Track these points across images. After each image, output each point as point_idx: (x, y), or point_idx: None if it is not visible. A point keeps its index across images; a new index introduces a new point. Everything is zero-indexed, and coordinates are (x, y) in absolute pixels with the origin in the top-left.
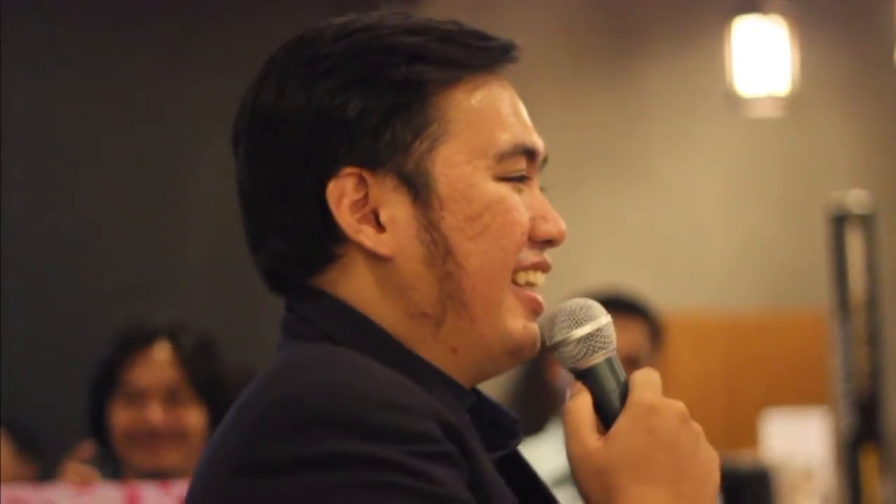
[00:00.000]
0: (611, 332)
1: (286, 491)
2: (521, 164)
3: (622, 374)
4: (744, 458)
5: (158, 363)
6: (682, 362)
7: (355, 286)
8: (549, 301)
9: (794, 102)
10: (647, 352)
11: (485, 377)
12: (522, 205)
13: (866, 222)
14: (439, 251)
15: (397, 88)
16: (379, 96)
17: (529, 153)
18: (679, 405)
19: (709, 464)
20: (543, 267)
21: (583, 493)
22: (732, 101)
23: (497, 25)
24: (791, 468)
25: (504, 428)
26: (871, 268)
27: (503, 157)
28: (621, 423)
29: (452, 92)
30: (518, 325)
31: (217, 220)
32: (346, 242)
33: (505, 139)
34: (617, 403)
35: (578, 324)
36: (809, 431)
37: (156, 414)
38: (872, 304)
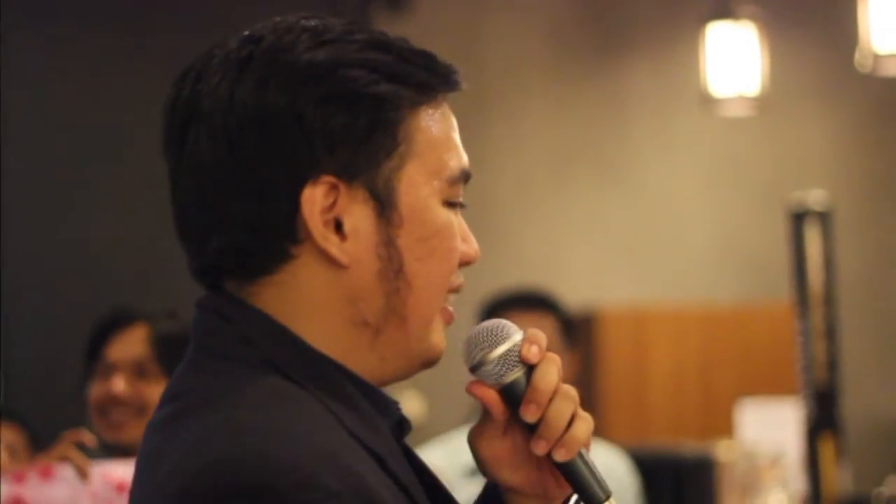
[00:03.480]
0: None
1: None
2: (461, 190)
3: None
4: (689, 447)
5: (131, 341)
6: (661, 354)
7: (302, 288)
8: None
9: (764, 103)
10: (558, 347)
11: (395, 381)
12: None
13: (824, 220)
14: (393, 267)
15: (378, 106)
16: (361, 112)
17: (466, 178)
18: (572, 389)
19: None
20: (461, 288)
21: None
22: (706, 100)
23: (485, 28)
24: (759, 456)
25: (405, 423)
26: (829, 264)
27: (453, 181)
28: None
29: (418, 113)
30: (440, 339)
31: None
32: (303, 244)
33: (454, 164)
34: None
35: (496, 344)
36: (782, 421)
37: (119, 385)
38: (830, 298)
